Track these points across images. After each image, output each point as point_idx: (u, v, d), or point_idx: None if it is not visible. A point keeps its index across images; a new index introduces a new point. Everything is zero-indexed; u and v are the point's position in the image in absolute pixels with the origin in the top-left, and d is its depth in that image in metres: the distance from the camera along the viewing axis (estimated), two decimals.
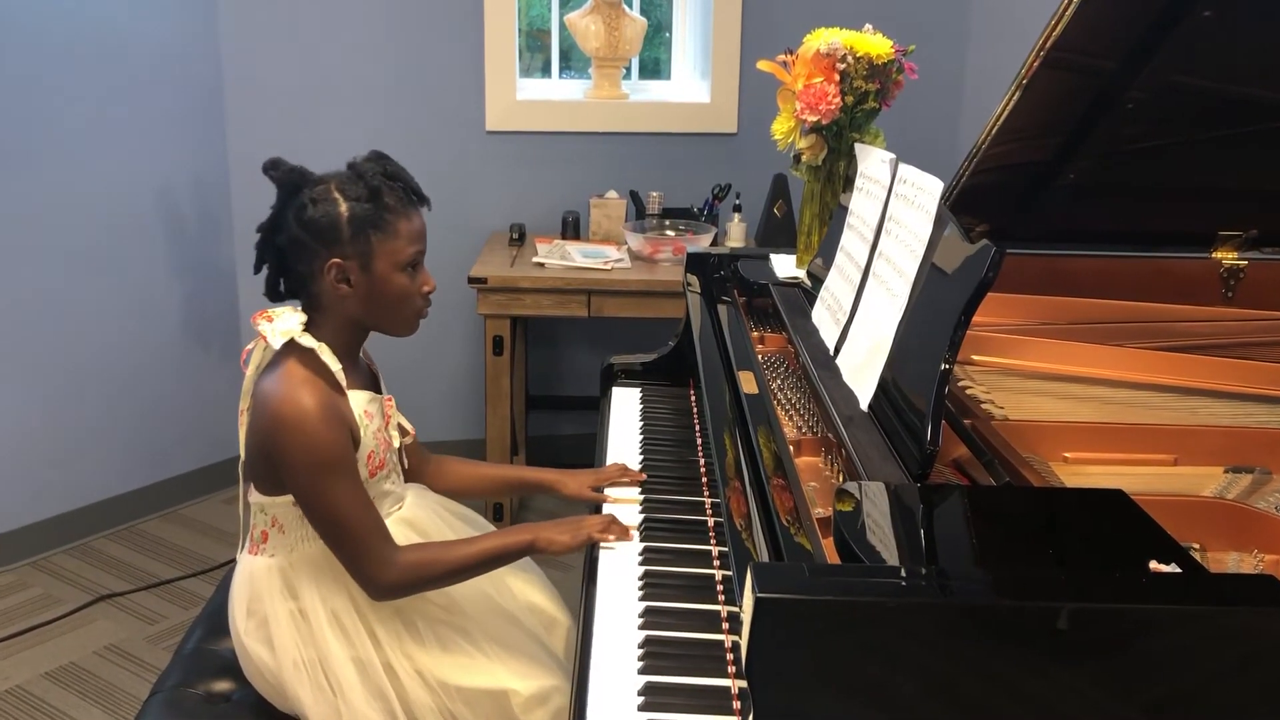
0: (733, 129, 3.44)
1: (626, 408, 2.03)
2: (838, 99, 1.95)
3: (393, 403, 1.64)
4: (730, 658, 1.24)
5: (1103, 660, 0.85)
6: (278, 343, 1.50)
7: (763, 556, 1.14)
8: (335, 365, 1.50)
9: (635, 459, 1.80)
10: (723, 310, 1.92)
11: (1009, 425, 1.35)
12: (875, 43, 1.96)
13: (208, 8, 3.17)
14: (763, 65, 2.07)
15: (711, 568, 1.44)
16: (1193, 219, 1.76)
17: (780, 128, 2.04)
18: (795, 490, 1.22)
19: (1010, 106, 1.48)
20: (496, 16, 3.28)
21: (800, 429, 1.48)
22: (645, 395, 2.08)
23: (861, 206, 1.64)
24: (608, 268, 2.99)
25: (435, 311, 3.82)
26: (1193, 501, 1.20)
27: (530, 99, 3.42)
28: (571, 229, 3.29)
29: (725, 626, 1.30)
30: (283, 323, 1.51)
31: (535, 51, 3.65)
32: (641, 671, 1.23)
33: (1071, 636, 0.85)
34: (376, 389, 1.64)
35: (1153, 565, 0.93)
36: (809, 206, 2.09)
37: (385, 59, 3.29)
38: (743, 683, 1.18)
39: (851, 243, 1.63)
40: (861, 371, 1.40)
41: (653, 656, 1.25)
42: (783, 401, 1.58)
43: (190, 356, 3.31)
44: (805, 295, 1.85)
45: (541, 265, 3.00)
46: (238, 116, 3.27)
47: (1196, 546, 1.13)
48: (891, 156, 1.57)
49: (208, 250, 3.31)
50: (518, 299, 2.95)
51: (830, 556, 1.07)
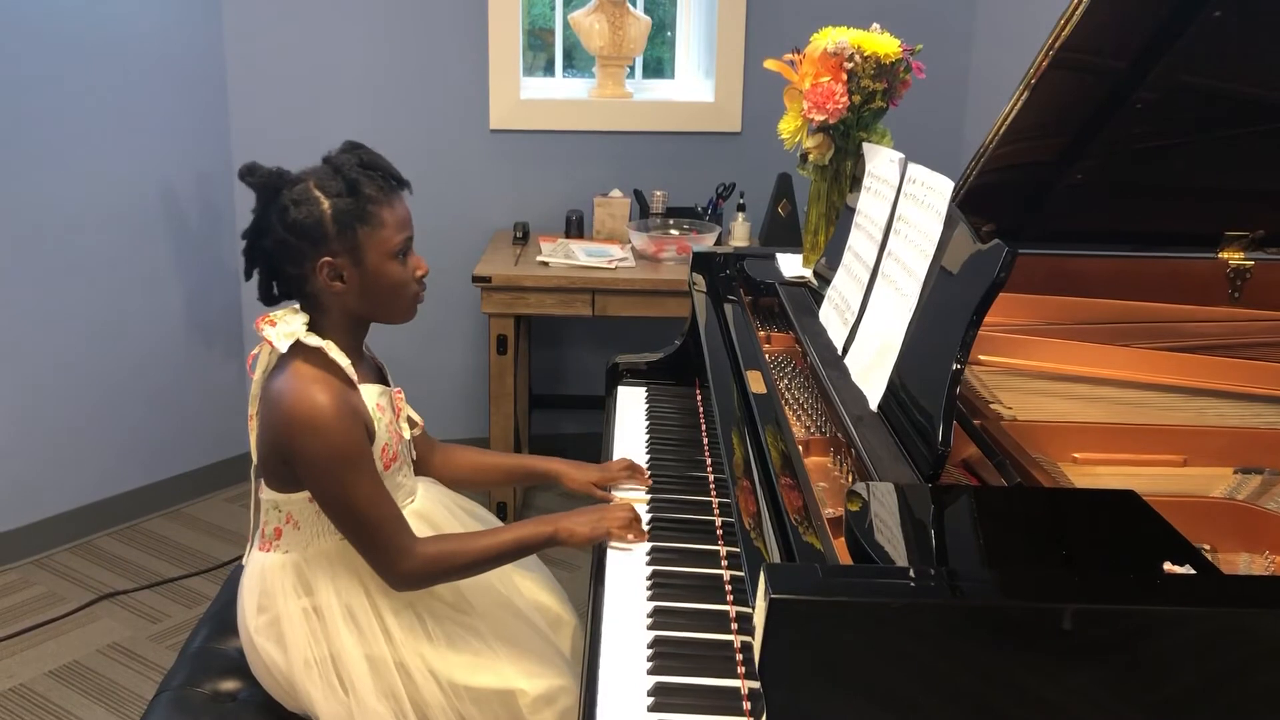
0: (737, 128, 3.44)
1: (632, 407, 2.03)
2: (845, 98, 1.94)
3: (402, 395, 1.64)
4: (740, 658, 1.24)
5: (1117, 661, 0.85)
6: (284, 345, 1.50)
7: (773, 556, 1.13)
8: (344, 361, 1.50)
9: (642, 458, 1.80)
10: (729, 309, 1.91)
11: (1018, 426, 1.35)
12: (883, 42, 1.96)
13: (211, 6, 3.17)
14: (770, 64, 2.06)
15: (720, 568, 1.44)
16: (1200, 219, 1.76)
17: (787, 127, 2.03)
18: (805, 490, 1.22)
19: (1018, 106, 1.48)
20: (500, 15, 3.27)
21: (808, 429, 1.48)
22: (651, 394, 2.08)
23: (869, 206, 1.63)
24: (612, 267, 2.99)
25: (439, 310, 3.82)
26: (1203, 502, 1.20)
27: (534, 98, 3.42)
28: (575, 228, 3.28)
29: (735, 627, 1.30)
30: (286, 325, 1.51)
31: (539, 50, 3.64)
32: (651, 672, 1.23)
33: (1085, 637, 0.85)
34: (384, 382, 1.64)
35: (1167, 566, 0.93)
36: (815, 206, 2.08)
37: (389, 58, 3.29)
38: (753, 683, 1.18)
39: (859, 242, 1.63)
40: (871, 371, 1.39)
41: (662, 657, 1.25)
42: (790, 401, 1.57)
43: (194, 354, 3.31)
44: (812, 295, 1.84)
45: (545, 264, 3.00)
46: (241, 114, 3.27)
47: (1207, 548, 1.13)
48: (900, 156, 1.57)
49: (211, 247, 3.31)
50: (522, 298, 2.95)
51: (841, 557, 1.07)
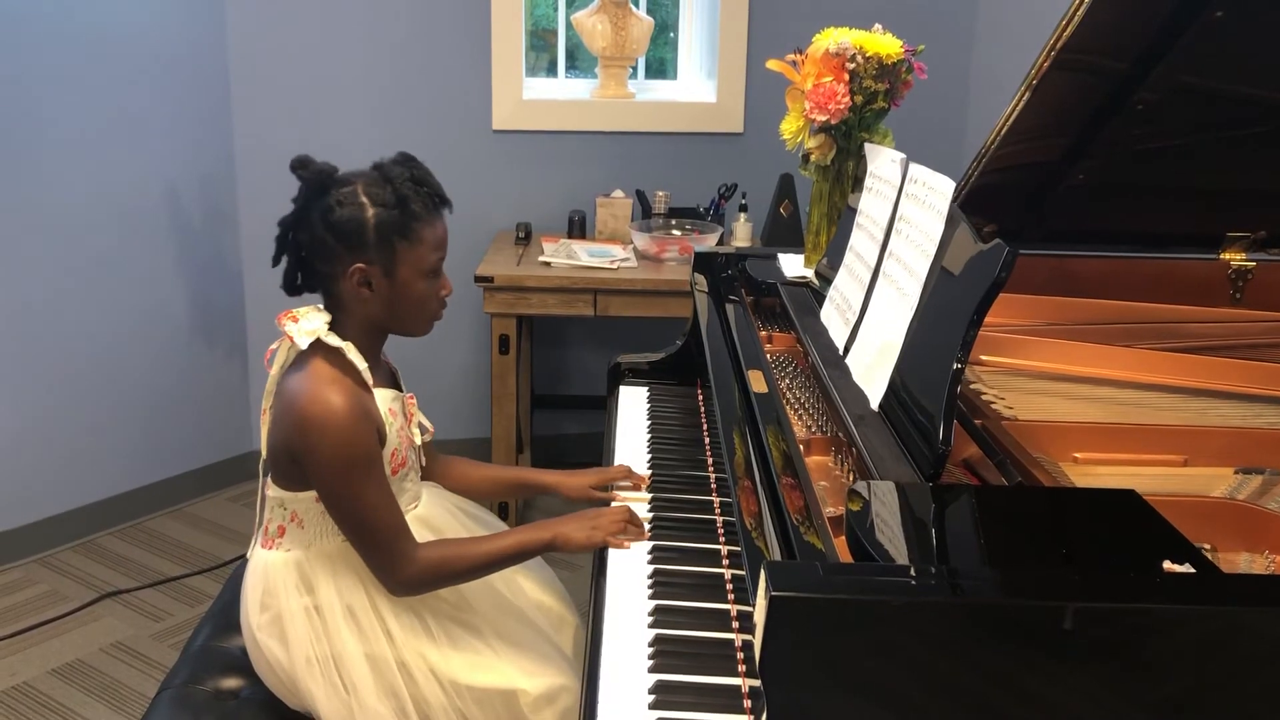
0: (739, 129, 3.44)
1: (634, 407, 2.03)
2: (847, 99, 1.94)
3: (414, 401, 1.65)
4: (741, 656, 1.24)
5: (1116, 660, 0.86)
6: (304, 343, 1.50)
7: (774, 555, 1.14)
8: (362, 364, 1.51)
9: (643, 458, 1.81)
10: (731, 309, 1.92)
11: (1019, 425, 1.35)
12: (885, 42, 1.96)
13: (215, 7, 3.18)
14: (772, 65, 2.07)
15: (721, 566, 1.45)
16: (1201, 220, 1.76)
17: (789, 127, 2.04)
18: (806, 489, 1.22)
19: (1020, 107, 1.48)
20: (503, 16, 3.28)
21: (810, 428, 1.48)
22: (652, 394, 2.08)
23: (871, 206, 1.64)
24: (614, 267, 3.00)
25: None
26: (1203, 502, 1.20)
27: (537, 98, 3.42)
28: (578, 228, 3.29)
29: (735, 625, 1.30)
30: (308, 322, 1.52)
31: (541, 51, 3.65)
32: (652, 670, 1.23)
33: (1085, 636, 0.85)
34: (398, 387, 1.64)
35: (1167, 565, 0.93)
36: (817, 206, 2.09)
37: (392, 58, 3.30)
38: (753, 681, 1.18)
39: (861, 242, 1.63)
40: (872, 371, 1.40)
41: (663, 655, 1.26)
42: (792, 401, 1.58)
43: (197, 354, 3.32)
44: (813, 295, 1.85)
45: (548, 264, 3.00)
46: (245, 115, 3.28)
47: (1208, 547, 1.13)
48: (901, 156, 1.57)
49: (214, 248, 3.31)
50: (524, 298, 2.95)
51: (842, 555, 1.07)
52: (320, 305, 1.56)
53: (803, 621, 0.86)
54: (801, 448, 1.37)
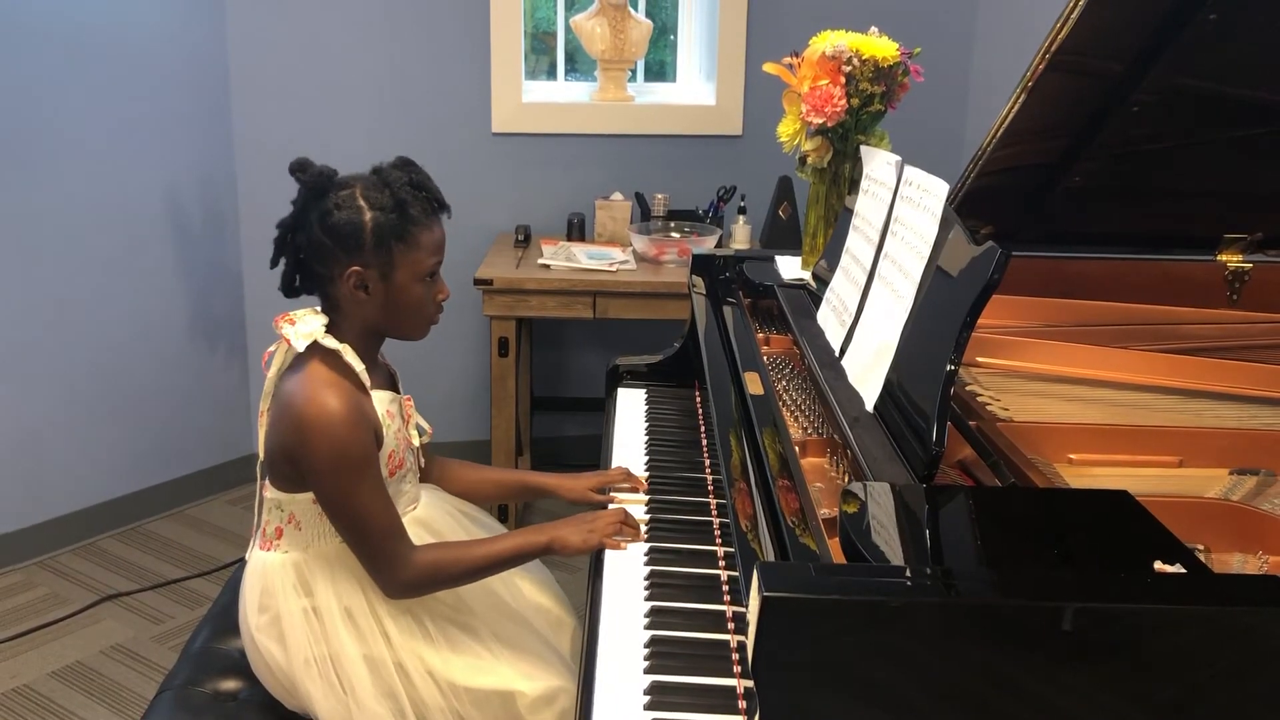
0: (738, 131, 3.45)
1: (632, 409, 2.03)
2: (843, 101, 1.95)
3: (412, 403, 1.65)
4: (736, 657, 1.25)
5: (1108, 660, 0.86)
6: (301, 345, 1.51)
7: (768, 557, 1.14)
8: (359, 366, 1.52)
9: (641, 460, 1.81)
10: (728, 311, 1.92)
11: (1014, 427, 1.35)
12: (881, 45, 1.97)
13: (215, 11, 3.18)
14: (769, 68, 2.07)
15: (717, 568, 1.45)
16: (1198, 221, 1.76)
17: (786, 130, 2.04)
18: (801, 491, 1.23)
19: (1015, 109, 1.48)
20: (503, 19, 3.28)
21: (806, 430, 1.49)
22: (650, 396, 2.08)
23: (867, 208, 1.64)
24: (613, 269, 3.00)
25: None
26: (1198, 503, 1.20)
27: (536, 101, 3.43)
28: (577, 231, 3.29)
29: (731, 626, 1.31)
30: (305, 325, 1.52)
31: (541, 54, 3.65)
32: (648, 671, 1.24)
33: (1077, 636, 0.85)
34: (395, 389, 1.65)
35: (1158, 566, 0.93)
36: (814, 209, 2.09)
37: (392, 61, 3.30)
38: (748, 682, 1.18)
39: (857, 245, 1.63)
40: (867, 373, 1.40)
41: (659, 656, 1.26)
42: (788, 402, 1.58)
43: (197, 356, 3.32)
44: (810, 297, 1.85)
45: (547, 267, 3.01)
46: (245, 117, 3.29)
47: (1201, 548, 1.14)
48: (897, 159, 1.58)
49: (214, 250, 3.32)
50: (523, 300, 2.96)
51: (836, 557, 1.08)
52: (318, 308, 1.57)
53: (795, 622, 0.86)
54: (797, 449, 1.38)
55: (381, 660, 1.53)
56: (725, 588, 1.40)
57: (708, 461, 1.76)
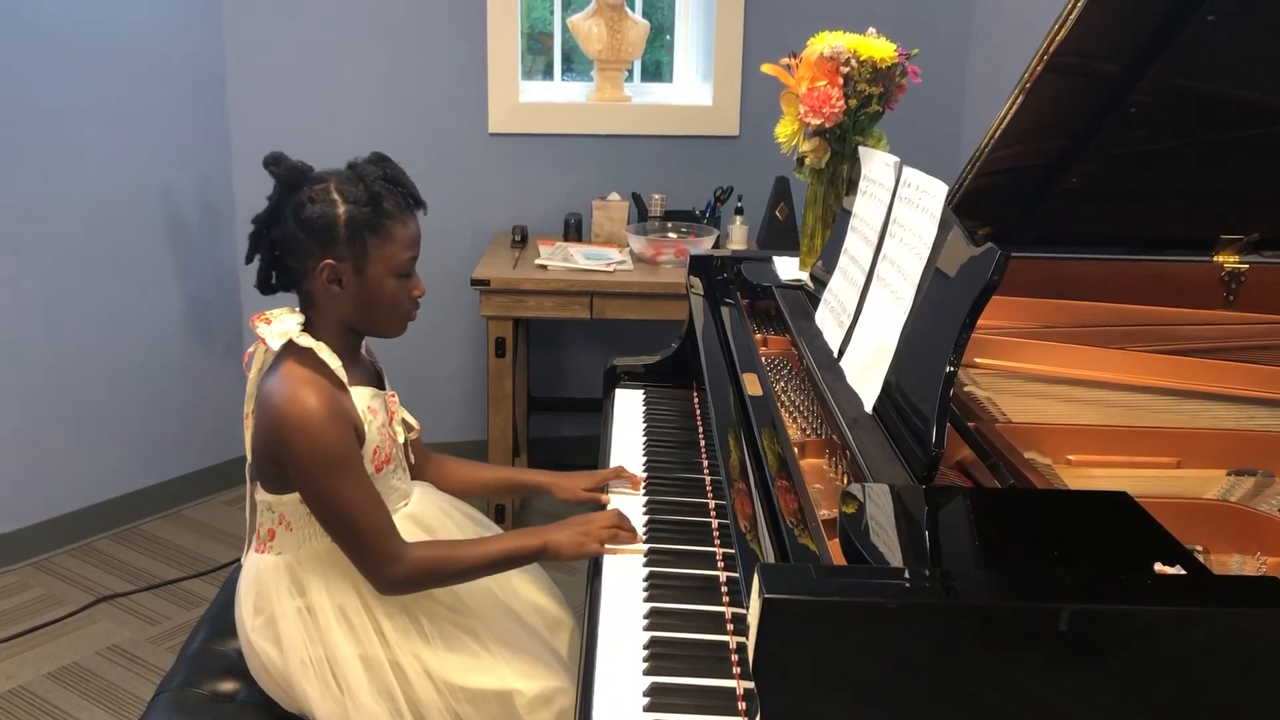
0: (735, 131, 3.45)
1: (630, 409, 2.03)
2: (841, 102, 1.95)
3: (396, 398, 1.65)
4: (735, 659, 1.25)
5: (1108, 661, 0.86)
6: (276, 344, 1.51)
7: (768, 558, 1.14)
8: (335, 363, 1.51)
9: (639, 460, 1.81)
10: (726, 312, 1.92)
11: (1012, 428, 1.35)
12: (879, 46, 1.97)
13: (211, 9, 3.18)
14: (767, 69, 2.07)
15: (716, 569, 1.45)
16: (1194, 223, 1.77)
17: (784, 130, 2.04)
18: (800, 492, 1.23)
19: (1013, 110, 1.48)
20: (499, 19, 3.28)
21: (804, 431, 1.49)
22: (648, 397, 2.08)
23: (865, 209, 1.64)
24: (610, 270, 3.00)
25: (438, 313, 3.82)
26: (1196, 504, 1.20)
27: (533, 101, 3.43)
28: (574, 231, 3.29)
29: (730, 628, 1.31)
30: (280, 324, 1.52)
31: (538, 54, 3.65)
32: (647, 672, 1.23)
33: (1077, 637, 0.86)
34: (380, 385, 1.64)
35: (1158, 567, 0.93)
36: (812, 209, 2.09)
37: (389, 61, 3.30)
38: (748, 683, 1.18)
39: (855, 245, 1.64)
40: (866, 374, 1.40)
41: (658, 657, 1.26)
42: (786, 403, 1.58)
43: (193, 356, 3.32)
44: (808, 298, 1.85)
45: (544, 267, 3.01)
46: (241, 116, 3.28)
47: (1200, 549, 1.14)
48: (895, 160, 1.58)
49: (210, 250, 3.31)
50: (520, 301, 2.96)
51: (836, 558, 1.08)
52: (295, 306, 1.56)
53: (796, 623, 0.87)
54: (796, 450, 1.38)
55: (377, 660, 1.53)
56: (724, 589, 1.40)
57: (706, 462, 1.76)
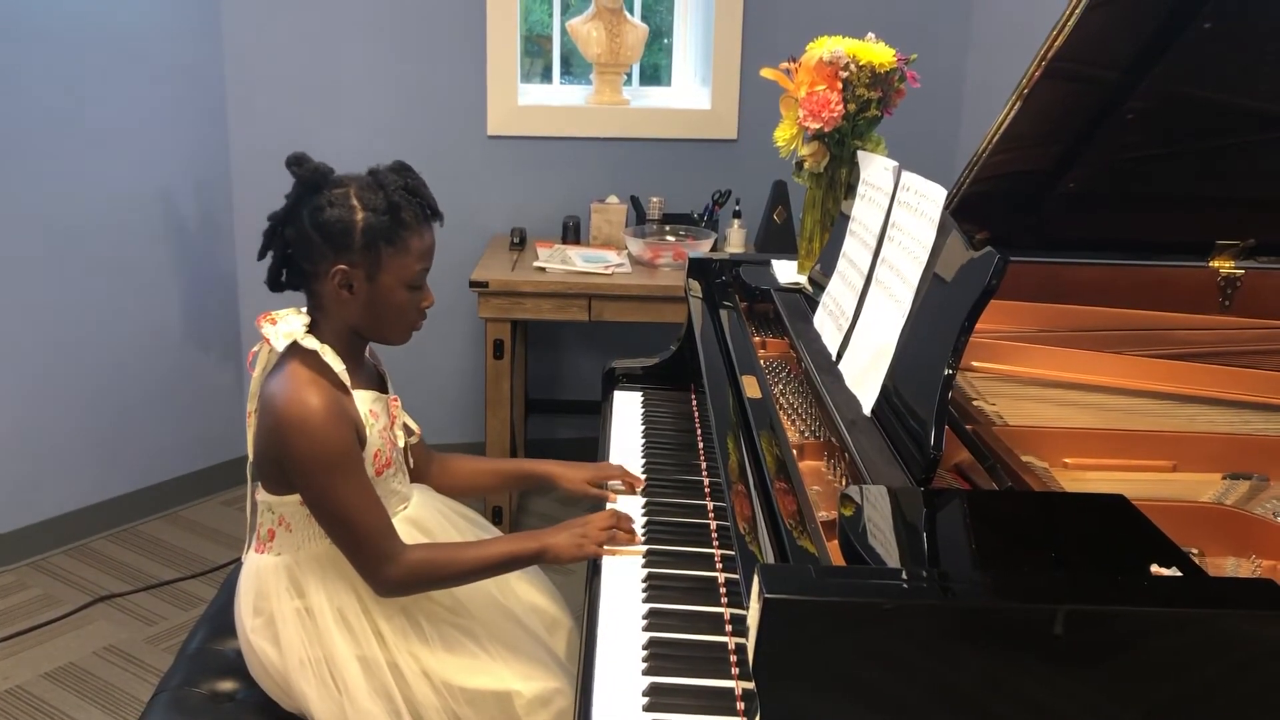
0: (733, 135, 3.46)
1: (628, 411, 2.04)
2: (840, 106, 1.96)
3: (398, 403, 1.65)
4: (734, 659, 1.25)
5: (1105, 662, 0.87)
6: (281, 345, 1.52)
7: (768, 559, 1.15)
8: (339, 365, 1.51)
9: (638, 462, 1.81)
10: (725, 315, 1.93)
11: (1010, 431, 1.36)
12: (878, 51, 1.98)
13: (210, 13, 3.18)
14: (766, 73, 2.08)
15: (715, 570, 1.46)
16: (1191, 228, 1.78)
17: (783, 134, 2.05)
18: (799, 493, 1.23)
19: (1011, 115, 1.49)
20: (498, 22, 3.29)
21: (803, 433, 1.49)
22: (647, 399, 2.09)
23: (864, 213, 1.65)
24: (608, 272, 3.01)
25: (436, 315, 3.82)
26: (1191, 507, 1.21)
27: (532, 104, 3.43)
28: (572, 233, 3.30)
29: (729, 629, 1.31)
30: (285, 325, 1.52)
31: (536, 57, 3.66)
32: (646, 673, 1.24)
33: (1074, 638, 0.86)
34: (383, 389, 1.65)
35: (1154, 569, 0.94)
36: (810, 213, 2.10)
37: (388, 64, 3.31)
38: (746, 684, 1.19)
39: (854, 249, 1.64)
40: (864, 376, 1.41)
41: (657, 658, 1.26)
42: (785, 406, 1.59)
43: (190, 358, 3.32)
44: (807, 301, 1.86)
45: (542, 269, 3.01)
46: (240, 119, 3.29)
47: (1195, 551, 1.15)
48: (894, 164, 1.59)
49: (209, 252, 3.32)
50: (518, 303, 2.96)
51: (835, 559, 1.08)
52: (302, 308, 1.57)
53: (796, 624, 0.87)
54: (795, 452, 1.39)
55: (375, 661, 1.53)
56: (723, 590, 1.40)
57: (704, 464, 1.77)
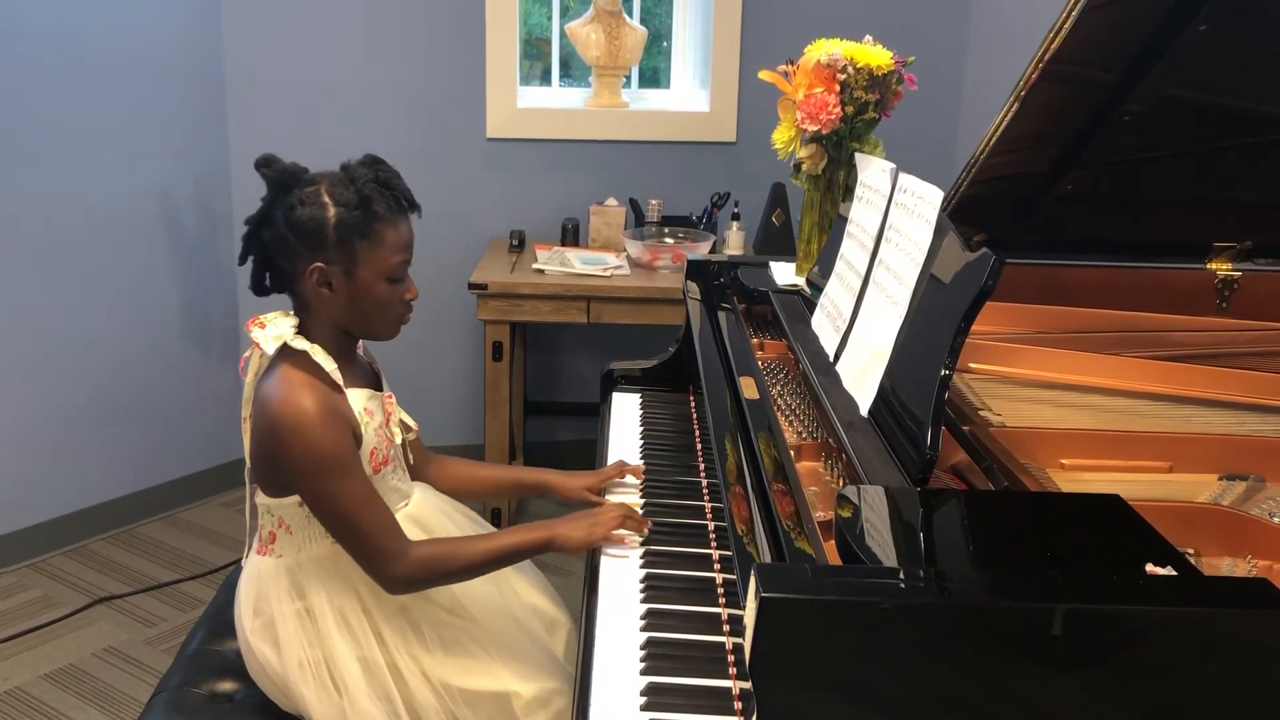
0: (731, 138, 3.46)
1: (627, 413, 2.04)
2: (838, 109, 1.96)
3: (393, 399, 1.65)
4: (732, 659, 1.26)
5: (1100, 662, 0.87)
6: (271, 348, 1.52)
7: (765, 559, 1.15)
8: (330, 365, 1.51)
9: (636, 463, 1.82)
10: (723, 317, 1.93)
11: (1007, 432, 1.36)
12: (875, 54, 1.98)
13: (210, 13, 3.19)
14: (764, 75, 2.09)
15: (712, 571, 1.46)
16: (1188, 230, 1.78)
17: (780, 137, 2.05)
18: (796, 494, 1.24)
19: (1008, 117, 1.50)
20: (498, 25, 3.30)
21: (800, 434, 1.50)
22: (645, 401, 2.09)
23: (861, 215, 1.65)
24: (607, 274, 3.01)
25: (435, 317, 3.82)
26: (1187, 508, 1.21)
27: (531, 107, 3.44)
28: (571, 236, 3.30)
29: (726, 629, 1.32)
30: (274, 328, 1.53)
31: (535, 60, 3.67)
32: (644, 673, 1.25)
33: (1069, 637, 0.87)
34: (377, 387, 1.65)
35: (1148, 569, 0.94)
36: (808, 215, 2.10)
37: (387, 66, 3.31)
38: (744, 684, 1.19)
39: (851, 251, 1.65)
40: (862, 378, 1.41)
41: (655, 658, 1.27)
42: (783, 407, 1.59)
43: (190, 359, 3.32)
44: (805, 303, 1.86)
45: (541, 272, 3.02)
46: (240, 120, 3.29)
47: (1191, 552, 1.15)
48: (891, 166, 1.59)
49: (208, 253, 3.32)
50: (517, 305, 2.97)
51: (832, 560, 1.09)
52: (289, 310, 1.57)
53: (792, 623, 0.88)
54: (792, 453, 1.39)
55: (375, 662, 1.54)
56: (721, 590, 1.41)
57: (702, 465, 1.77)
